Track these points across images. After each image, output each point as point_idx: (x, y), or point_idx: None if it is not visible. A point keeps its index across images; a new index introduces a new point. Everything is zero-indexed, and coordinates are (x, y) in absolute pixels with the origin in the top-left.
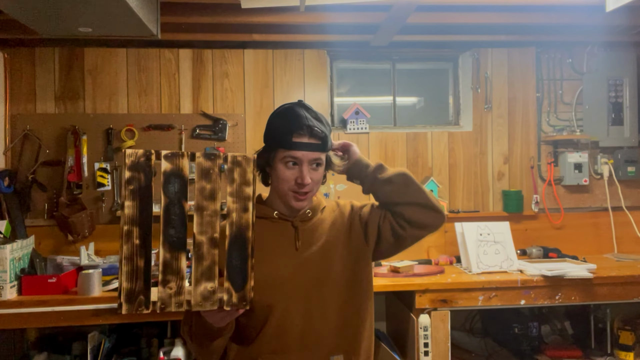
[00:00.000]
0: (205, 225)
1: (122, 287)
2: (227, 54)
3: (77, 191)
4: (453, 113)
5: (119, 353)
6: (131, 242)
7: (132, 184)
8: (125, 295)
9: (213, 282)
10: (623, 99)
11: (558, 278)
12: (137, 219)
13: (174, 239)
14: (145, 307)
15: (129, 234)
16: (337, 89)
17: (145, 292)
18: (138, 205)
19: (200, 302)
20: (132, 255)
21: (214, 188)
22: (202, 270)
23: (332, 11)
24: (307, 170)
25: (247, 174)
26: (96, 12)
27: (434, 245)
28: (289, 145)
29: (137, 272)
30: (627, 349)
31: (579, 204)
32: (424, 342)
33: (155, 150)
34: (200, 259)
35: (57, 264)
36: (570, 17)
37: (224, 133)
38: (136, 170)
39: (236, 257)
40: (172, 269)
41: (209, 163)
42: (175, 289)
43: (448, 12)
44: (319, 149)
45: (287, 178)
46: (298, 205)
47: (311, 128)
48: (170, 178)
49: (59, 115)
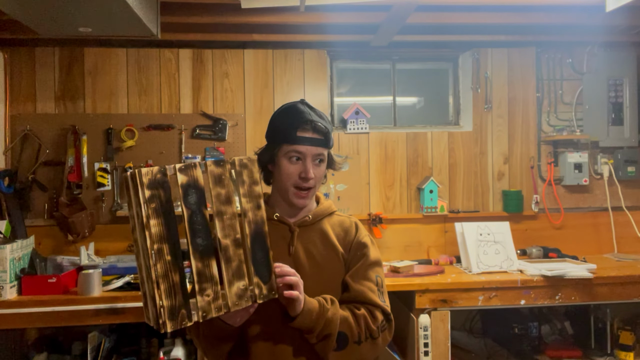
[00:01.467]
0: (227, 228)
1: (163, 306)
2: (227, 54)
3: (77, 191)
4: (453, 113)
5: (119, 353)
6: (163, 260)
7: (154, 202)
8: (168, 313)
9: (244, 280)
10: (623, 99)
11: (558, 278)
12: (164, 235)
13: (202, 247)
14: (189, 319)
15: (160, 252)
16: (337, 89)
17: (186, 305)
18: (163, 222)
19: (236, 301)
20: (167, 272)
21: (229, 192)
22: (233, 271)
23: (332, 11)
24: (311, 165)
25: (254, 174)
26: (96, 12)
27: (434, 245)
28: (293, 139)
29: (174, 288)
30: (627, 349)
31: (579, 204)
32: (424, 342)
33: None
34: (229, 261)
35: (57, 264)
36: (570, 17)
37: (224, 133)
38: (155, 187)
39: (259, 252)
40: (206, 277)
41: (220, 169)
42: (212, 295)
43: (448, 12)
44: (322, 144)
45: (290, 173)
46: (299, 202)
47: (315, 123)
48: (188, 190)
49: (59, 115)
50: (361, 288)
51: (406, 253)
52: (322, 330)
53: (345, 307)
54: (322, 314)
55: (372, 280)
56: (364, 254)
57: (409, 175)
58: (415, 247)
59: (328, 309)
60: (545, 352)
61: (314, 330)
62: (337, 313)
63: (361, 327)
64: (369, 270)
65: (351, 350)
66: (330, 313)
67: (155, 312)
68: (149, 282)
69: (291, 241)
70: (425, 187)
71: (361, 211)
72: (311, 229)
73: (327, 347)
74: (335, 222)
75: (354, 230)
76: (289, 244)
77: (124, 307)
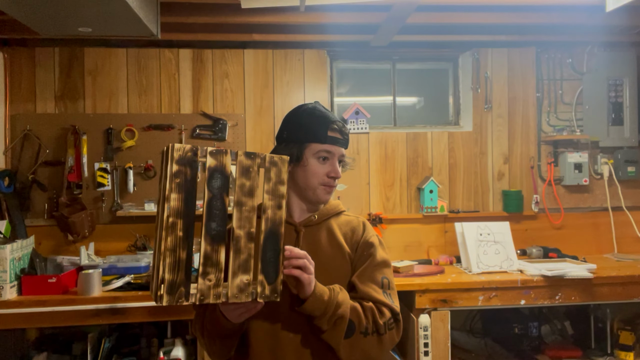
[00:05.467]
0: (244, 220)
1: (164, 279)
2: (227, 54)
3: (77, 191)
4: (453, 113)
5: (119, 353)
6: (175, 234)
7: (179, 178)
8: (168, 287)
9: (249, 274)
10: (623, 99)
11: (558, 278)
12: (182, 211)
13: (215, 232)
14: (186, 298)
15: (174, 225)
16: (337, 89)
17: (186, 284)
18: (183, 198)
19: (236, 294)
20: (176, 247)
21: (253, 185)
22: (240, 263)
23: (332, 11)
24: (337, 165)
25: (282, 173)
26: (96, 12)
27: (434, 245)
28: (324, 139)
29: (179, 264)
30: (627, 349)
31: (579, 204)
32: (424, 342)
33: (200, 146)
34: (238, 252)
35: (57, 264)
36: (570, 17)
37: (224, 133)
38: (183, 164)
39: (270, 251)
40: (212, 262)
41: (249, 162)
42: (214, 281)
43: (448, 12)
44: (345, 145)
45: (319, 172)
46: (325, 198)
47: (342, 125)
48: (214, 174)
49: (59, 115)
50: (367, 289)
51: (406, 253)
52: (334, 314)
53: (353, 299)
54: (333, 297)
55: (378, 282)
56: (370, 254)
57: (409, 175)
58: (415, 247)
59: (339, 293)
60: (545, 352)
61: (326, 313)
62: (348, 298)
63: (368, 318)
64: (375, 272)
65: (356, 340)
66: (341, 297)
67: (157, 284)
68: (157, 254)
69: (297, 241)
70: (425, 187)
71: (361, 211)
72: (317, 229)
73: (339, 332)
74: (343, 221)
75: (361, 229)
76: (294, 244)
77: (124, 307)
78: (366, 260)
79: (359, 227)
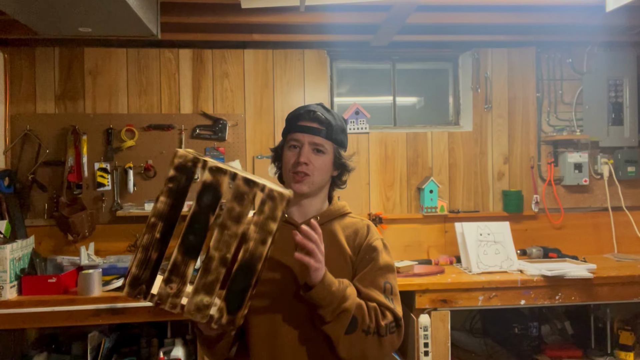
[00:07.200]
0: (222, 243)
1: (131, 271)
2: (227, 54)
3: (77, 191)
4: (453, 113)
5: (119, 353)
6: (152, 234)
7: (172, 183)
8: (131, 279)
9: (210, 297)
10: (623, 99)
11: (558, 278)
12: (165, 215)
13: (189, 245)
14: (144, 296)
15: (154, 226)
16: (337, 89)
17: (148, 283)
18: (170, 203)
19: (192, 311)
20: (149, 246)
21: (243, 213)
22: (204, 283)
23: (332, 11)
24: (307, 152)
25: (277, 210)
26: (96, 12)
27: (434, 245)
28: (294, 128)
29: (148, 263)
30: (627, 349)
31: (579, 204)
32: (424, 342)
33: (204, 158)
34: (206, 271)
35: (57, 264)
36: (570, 17)
37: (224, 133)
38: (180, 171)
39: (239, 282)
40: (178, 272)
41: (246, 188)
42: (174, 291)
43: (448, 12)
44: (320, 133)
45: (288, 160)
46: (297, 187)
47: (314, 113)
48: (206, 190)
49: (59, 115)
50: (369, 292)
51: (406, 253)
52: (339, 306)
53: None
54: (341, 289)
55: (380, 286)
56: (372, 258)
57: (409, 175)
58: (415, 247)
59: (347, 286)
60: (545, 352)
61: (331, 303)
62: (355, 294)
63: (372, 318)
64: (377, 276)
65: (357, 337)
66: (349, 291)
67: (126, 274)
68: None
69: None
70: (425, 187)
71: (361, 211)
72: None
73: (341, 326)
74: (347, 223)
75: (365, 232)
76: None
77: (124, 307)
78: (368, 264)
79: (363, 230)
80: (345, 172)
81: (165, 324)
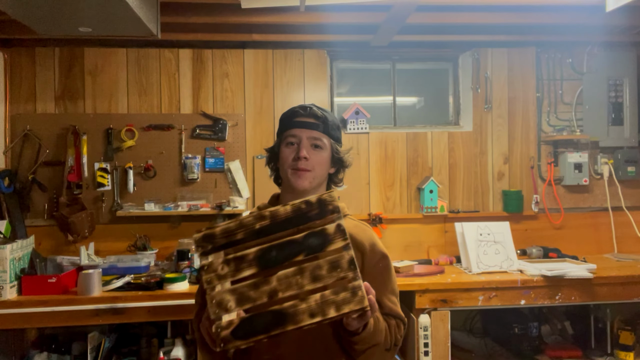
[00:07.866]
0: (286, 281)
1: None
2: (227, 54)
3: (77, 191)
4: (453, 113)
5: (119, 353)
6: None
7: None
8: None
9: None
10: (623, 99)
11: (558, 278)
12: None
13: (265, 256)
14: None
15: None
16: (337, 89)
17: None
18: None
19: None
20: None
21: (325, 281)
22: (243, 293)
23: (332, 11)
24: (306, 147)
25: (343, 310)
26: (96, 12)
27: (434, 245)
28: (291, 125)
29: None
30: (627, 349)
31: (579, 204)
32: (424, 342)
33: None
34: (254, 286)
35: (57, 264)
36: (570, 17)
37: (224, 133)
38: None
39: (262, 322)
40: (239, 263)
41: (350, 274)
42: (223, 273)
43: (448, 12)
44: (318, 128)
45: (287, 157)
46: (298, 183)
47: (310, 108)
48: (319, 235)
49: (59, 115)
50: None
51: (406, 253)
52: (372, 341)
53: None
54: (377, 328)
55: (396, 294)
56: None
57: (409, 175)
58: (415, 247)
59: (381, 321)
60: (545, 352)
61: (369, 343)
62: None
63: (392, 336)
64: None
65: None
66: (382, 324)
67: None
68: None
69: None
70: (425, 187)
71: (361, 211)
72: None
73: (370, 354)
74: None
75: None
76: None
77: (124, 307)
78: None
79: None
80: (342, 169)
81: (165, 324)
